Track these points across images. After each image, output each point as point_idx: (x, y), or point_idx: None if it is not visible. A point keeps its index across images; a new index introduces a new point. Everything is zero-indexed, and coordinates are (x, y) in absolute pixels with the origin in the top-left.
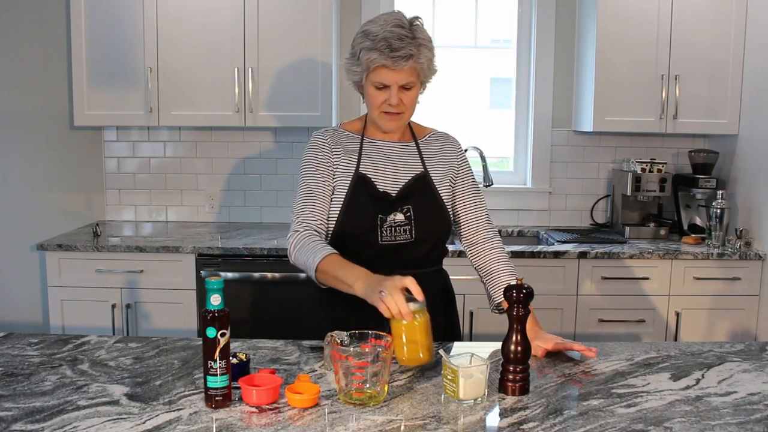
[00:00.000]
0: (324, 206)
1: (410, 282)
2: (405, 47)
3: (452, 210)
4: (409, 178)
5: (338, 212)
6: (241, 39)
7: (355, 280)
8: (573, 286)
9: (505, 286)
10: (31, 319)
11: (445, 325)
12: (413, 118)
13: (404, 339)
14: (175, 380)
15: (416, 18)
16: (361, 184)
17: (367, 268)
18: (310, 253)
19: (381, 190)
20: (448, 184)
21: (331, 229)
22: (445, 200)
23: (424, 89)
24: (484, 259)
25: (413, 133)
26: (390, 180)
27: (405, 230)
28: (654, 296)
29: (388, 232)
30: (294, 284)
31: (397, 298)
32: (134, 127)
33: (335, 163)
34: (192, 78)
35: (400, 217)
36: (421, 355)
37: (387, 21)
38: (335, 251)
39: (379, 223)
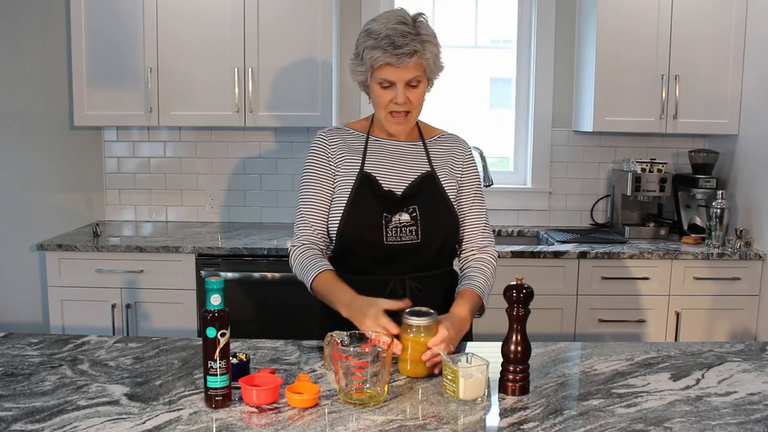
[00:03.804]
0: (321, 215)
1: (383, 305)
2: (409, 44)
3: None
4: (416, 177)
5: (342, 212)
6: (241, 39)
7: (340, 306)
8: (573, 286)
9: (462, 287)
10: (31, 319)
11: None
12: (422, 118)
13: (409, 352)
14: (175, 380)
15: (420, 14)
16: (365, 183)
17: (374, 272)
18: (304, 272)
19: (386, 189)
20: (454, 184)
21: (336, 229)
22: (452, 200)
23: (431, 86)
24: (469, 265)
25: (421, 132)
26: (395, 179)
27: (411, 231)
28: (654, 296)
29: (394, 232)
30: (294, 284)
31: (381, 324)
32: (134, 127)
33: (336, 164)
34: (192, 78)
35: (405, 217)
36: (419, 371)
37: (390, 18)
38: (326, 267)
39: (384, 222)
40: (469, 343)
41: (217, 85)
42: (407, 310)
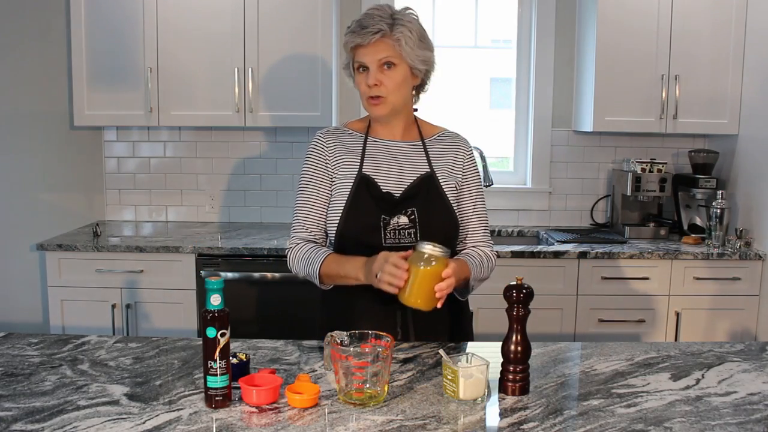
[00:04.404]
0: (317, 219)
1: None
2: (375, 24)
3: None
4: (415, 178)
5: (340, 214)
6: (241, 39)
7: (357, 271)
8: (573, 286)
9: (458, 255)
10: (31, 319)
11: (454, 326)
12: (422, 117)
13: (417, 281)
14: (175, 380)
15: (407, 8)
16: (363, 185)
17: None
18: (308, 263)
19: (384, 190)
20: (454, 184)
21: (334, 231)
22: (451, 200)
23: (420, 83)
24: (470, 249)
25: (420, 132)
26: (394, 180)
27: (410, 233)
28: (654, 296)
29: (392, 234)
30: (294, 284)
31: (390, 266)
32: (134, 127)
33: (334, 165)
34: (192, 78)
35: (404, 220)
36: (419, 301)
37: (368, 9)
38: (329, 252)
39: (382, 224)
40: (469, 343)
41: (217, 85)
42: (420, 242)
